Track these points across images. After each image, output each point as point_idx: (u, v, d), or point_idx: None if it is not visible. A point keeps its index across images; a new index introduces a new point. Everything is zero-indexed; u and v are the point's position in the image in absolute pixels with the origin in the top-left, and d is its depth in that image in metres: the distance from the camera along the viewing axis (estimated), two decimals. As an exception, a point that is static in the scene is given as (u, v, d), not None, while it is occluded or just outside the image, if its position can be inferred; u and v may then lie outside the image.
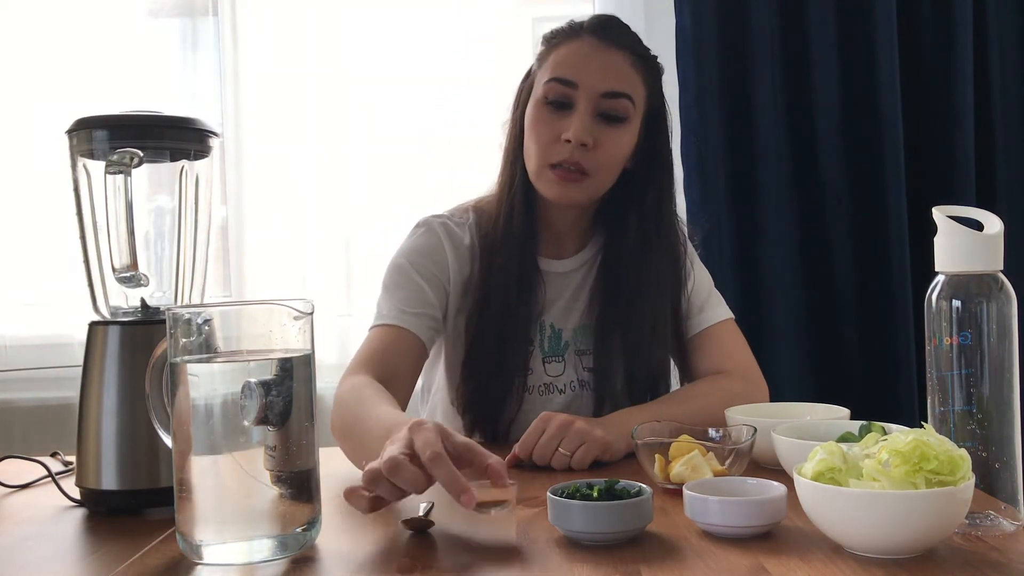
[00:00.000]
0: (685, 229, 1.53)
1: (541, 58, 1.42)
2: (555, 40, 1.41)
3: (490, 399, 1.40)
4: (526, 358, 1.43)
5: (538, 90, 1.37)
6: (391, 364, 1.33)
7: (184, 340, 0.85)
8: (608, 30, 1.38)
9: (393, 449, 0.89)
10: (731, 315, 1.48)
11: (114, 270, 1.05)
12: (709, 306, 1.47)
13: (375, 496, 0.90)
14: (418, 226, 1.47)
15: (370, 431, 1.09)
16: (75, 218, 1.12)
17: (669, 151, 1.45)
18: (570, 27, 1.41)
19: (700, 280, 1.50)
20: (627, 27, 1.41)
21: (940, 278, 0.89)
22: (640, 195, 1.42)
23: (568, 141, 1.32)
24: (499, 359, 1.40)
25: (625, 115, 1.36)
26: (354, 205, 2.24)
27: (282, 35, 2.27)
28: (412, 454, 0.88)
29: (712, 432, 1.12)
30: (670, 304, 1.45)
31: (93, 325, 1.08)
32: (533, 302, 1.43)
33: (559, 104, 1.35)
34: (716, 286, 1.49)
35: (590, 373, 1.46)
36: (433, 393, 1.55)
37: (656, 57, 1.42)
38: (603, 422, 1.23)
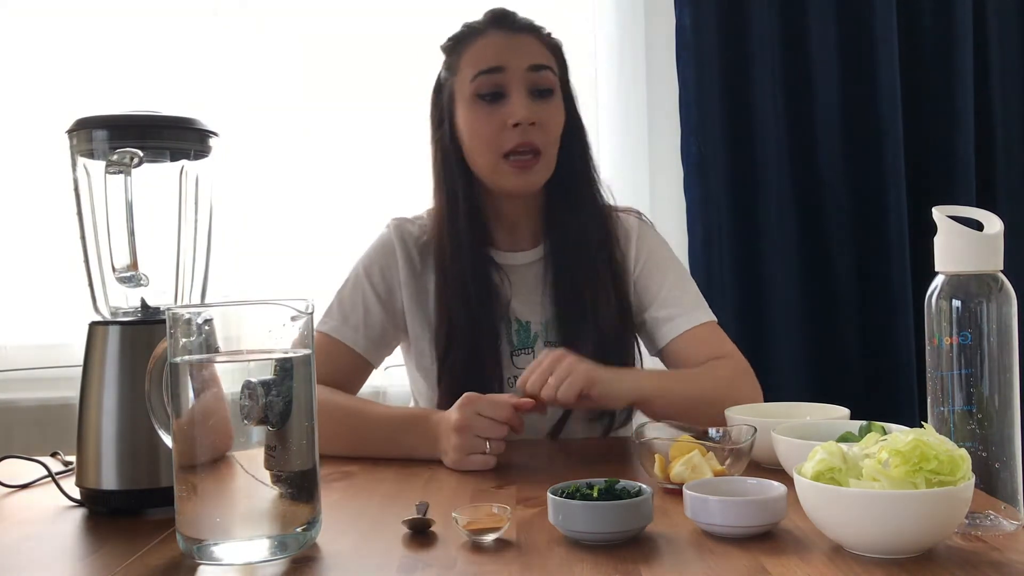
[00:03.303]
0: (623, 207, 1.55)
1: (449, 65, 1.45)
2: (458, 44, 1.44)
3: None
4: (496, 354, 1.43)
5: (465, 91, 1.40)
6: (332, 373, 1.38)
7: (184, 340, 0.85)
8: (508, 20, 1.43)
9: (462, 441, 1.18)
10: (715, 319, 1.47)
11: (114, 270, 1.05)
12: (696, 306, 1.46)
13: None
14: (385, 227, 1.53)
15: (385, 419, 1.30)
16: (75, 218, 1.12)
17: (582, 123, 1.48)
18: (469, 28, 1.44)
19: (686, 279, 1.50)
20: (519, 15, 1.45)
21: (940, 278, 0.89)
22: (569, 171, 1.44)
23: (516, 125, 1.36)
24: (469, 358, 1.41)
25: (552, 86, 1.41)
26: (354, 205, 2.24)
27: (282, 35, 2.27)
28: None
29: (712, 432, 1.12)
30: (611, 280, 1.45)
31: (93, 325, 1.08)
32: (494, 297, 1.44)
33: (492, 96, 1.38)
34: (716, 286, 1.49)
35: None
36: (413, 396, 1.58)
37: (551, 33, 1.47)
38: (599, 365, 1.25)
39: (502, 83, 1.38)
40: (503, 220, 1.48)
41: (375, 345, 1.47)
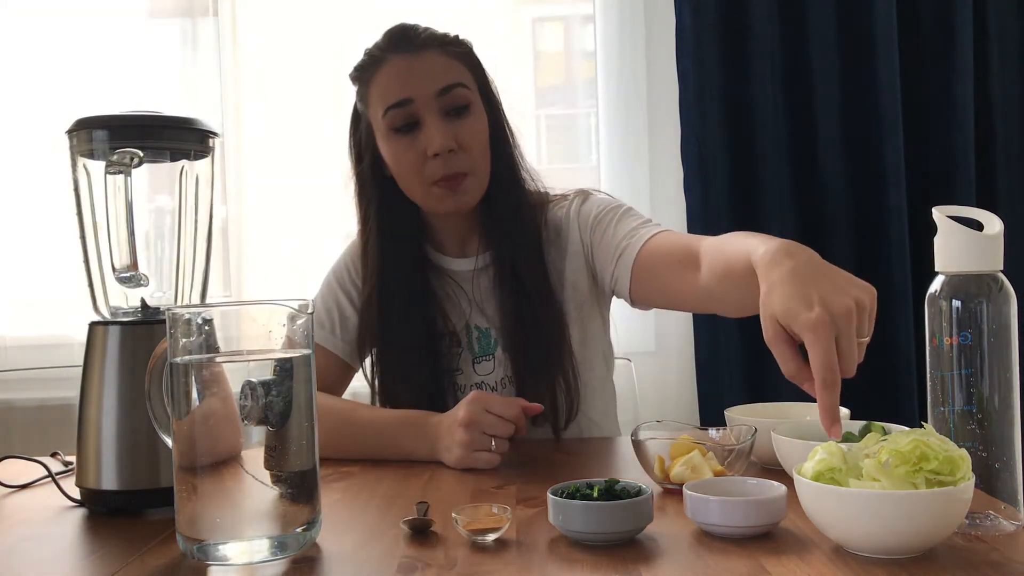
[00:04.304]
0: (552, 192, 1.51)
1: (361, 97, 1.41)
2: (364, 74, 1.39)
3: (414, 403, 1.37)
4: (436, 358, 1.42)
5: (379, 126, 1.37)
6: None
7: (184, 340, 0.85)
8: (406, 39, 1.37)
9: (470, 437, 1.18)
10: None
11: (114, 270, 1.05)
12: (647, 224, 1.40)
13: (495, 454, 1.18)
14: (355, 236, 1.52)
15: (382, 421, 1.30)
16: (75, 218, 1.12)
17: (504, 118, 1.45)
18: (370, 56, 1.39)
19: (625, 214, 1.43)
20: (419, 27, 1.40)
21: (940, 278, 0.89)
22: (498, 174, 1.41)
23: (436, 155, 1.33)
24: (427, 370, 1.41)
25: (467, 102, 1.37)
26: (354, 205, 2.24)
27: (282, 35, 2.27)
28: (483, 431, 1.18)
29: (712, 432, 1.12)
30: (553, 276, 1.43)
31: (93, 325, 1.08)
32: (441, 305, 1.44)
33: (407, 127, 1.35)
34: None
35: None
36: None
37: (458, 36, 1.42)
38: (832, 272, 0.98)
39: (414, 113, 1.34)
40: (449, 231, 1.47)
41: (352, 348, 1.47)
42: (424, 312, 1.42)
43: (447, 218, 1.45)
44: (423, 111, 1.34)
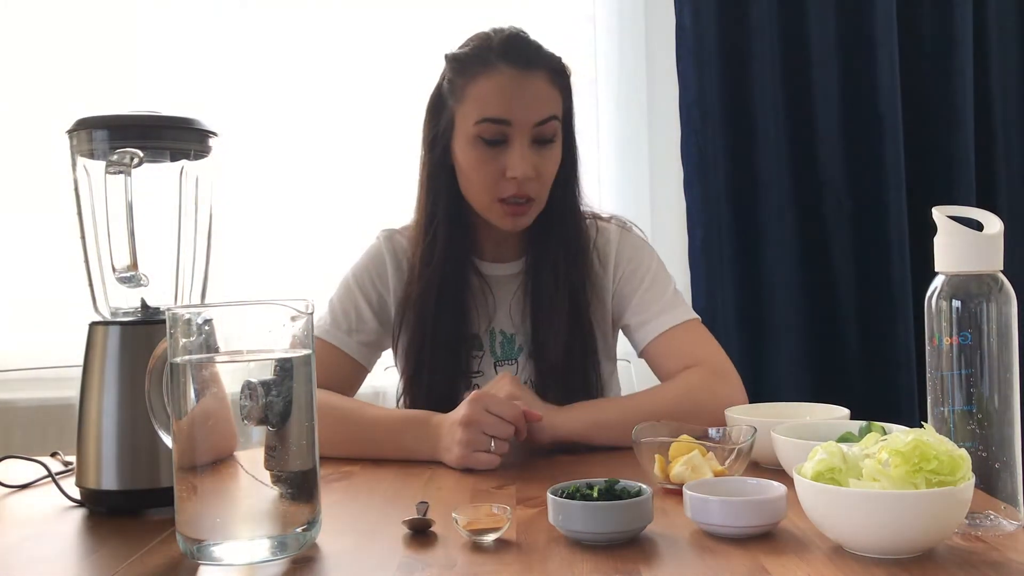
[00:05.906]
0: (605, 221, 1.52)
1: (453, 88, 1.39)
2: (468, 69, 1.38)
3: (436, 401, 1.39)
4: (467, 360, 1.44)
5: (468, 128, 1.36)
6: (327, 377, 1.36)
7: (184, 340, 0.85)
8: (521, 53, 1.37)
9: (469, 437, 1.17)
10: (696, 316, 1.45)
11: (114, 270, 1.05)
12: (672, 306, 1.44)
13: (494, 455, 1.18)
14: (375, 238, 1.53)
15: (384, 421, 1.30)
16: (75, 218, 1.12)
17: (575, 145, 1.46)
18: (479, 53, 1.38)
19: (660, 281, 1.47)
20: (532, 41, 1.40)
21: (940, 278, 0.89)
22: (557, 194, 1.43)
23: (514, 178, 1.34)
24: (446, 367, 1.42)
25: (555, 134, 1.39)
26: (354, 205, 2.24)
27: (283, 34, 2.27)
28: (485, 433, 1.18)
29: (712, 432, 1.12)
30: (590, 292, 1.45)
31: (93, 325, 1.08)
32: (476, 306, 1.45)
33: (494, 141, 1.35)
34: (716, 286, 1.48)
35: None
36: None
37: (561, 58, 1.42)
38: (555, 409, 1.28)
39: (506, 133, 1.35)
40: (489, 234, 1.48)
41: (368, 349, 1.48)
42: (457, 312, 1.44)
43: (491, 226, 1.45)
44: (515, 134, 1.35)
